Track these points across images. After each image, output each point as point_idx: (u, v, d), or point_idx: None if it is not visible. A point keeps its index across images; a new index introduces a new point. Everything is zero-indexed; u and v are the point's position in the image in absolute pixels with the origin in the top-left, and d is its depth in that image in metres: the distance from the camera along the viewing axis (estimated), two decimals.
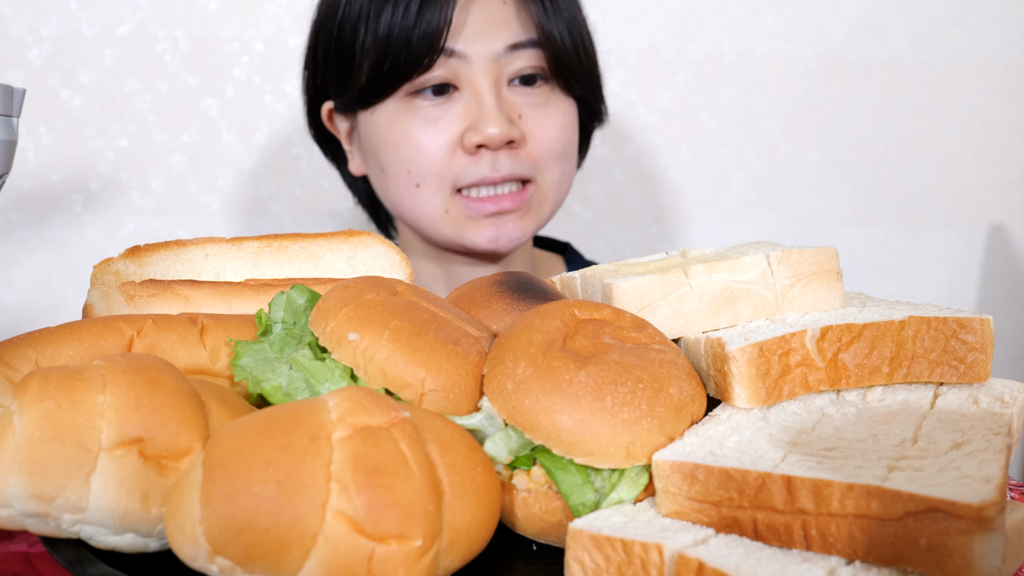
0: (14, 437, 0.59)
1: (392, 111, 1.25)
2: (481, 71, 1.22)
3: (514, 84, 1.26)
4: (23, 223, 1.80)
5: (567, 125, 1.29)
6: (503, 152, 1.24)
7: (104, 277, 0.88)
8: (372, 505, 0.55)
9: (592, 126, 1.43)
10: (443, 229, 1.29)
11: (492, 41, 1.22)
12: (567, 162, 1.32)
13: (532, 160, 1.27)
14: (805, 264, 0.79)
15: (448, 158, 1.24)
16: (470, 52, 1.21)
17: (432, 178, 1.25)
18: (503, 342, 0.69)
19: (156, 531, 0.61)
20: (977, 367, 0.73)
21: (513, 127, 1.22)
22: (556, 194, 1.32)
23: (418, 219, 1.30)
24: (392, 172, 1.27)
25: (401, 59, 1.20)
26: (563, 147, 1.29)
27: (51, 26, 1.76)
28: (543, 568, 0.67)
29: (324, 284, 0.86)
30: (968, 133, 2.10)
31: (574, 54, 1.26)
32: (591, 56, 1.32)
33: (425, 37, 1.18)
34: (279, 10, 1.83)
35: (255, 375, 0.70)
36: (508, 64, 1.24)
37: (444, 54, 1.20)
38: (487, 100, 1.22)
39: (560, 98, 1.29)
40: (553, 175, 1.30)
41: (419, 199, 1.27)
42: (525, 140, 1.25)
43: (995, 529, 0.52)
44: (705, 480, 0.61)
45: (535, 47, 1.24)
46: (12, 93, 0.73)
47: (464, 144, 1.23)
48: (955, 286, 2.15)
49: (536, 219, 1.31)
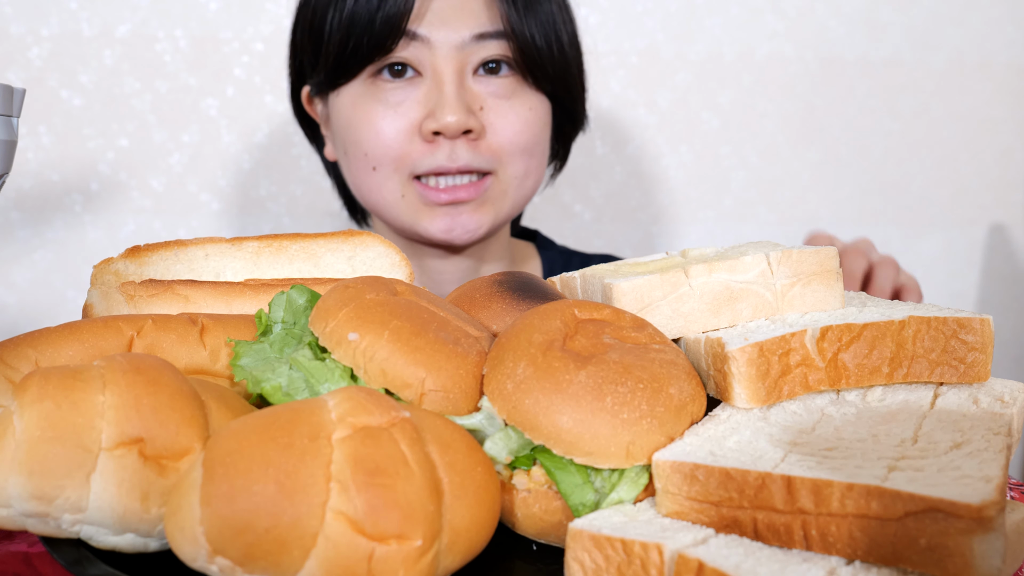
0: (14, 437, 0.59)
1: (356, 93, 1.25)
2: (445, 57, 1.21)
3: (480, 74, 1.24)
4: (23, 223, 1.80)
5: (533, 120, 1.27)
6: (461, 142, 1.22)
7: (104, 277, 0.88)
8: (372, 505, 0.55)
9: (570, 130, 1.40)
10: (400, 215, 1.28)
11: (458, 29, 1.21)
12: (532, 158, 1.29)
13: (492, 152, 1.25)
14: (805, 264, 0.79)
15: (405, 143, 1.23)
16: (434, 37, 1.21)
17: (389, 162, 1.24)
18: (503, 342, 0.69)
19: (156, 531, 0.61)
20: (977, 367, 0.73)
21: (471, 117, 1.21)
22: (518, 189, 1.30)
23: (376, 203, 1.30)
24: (352, 154, 1.28)
25: (364, 40, 1.20)
26: (526, 141, 1.27)
27: (51, 26, 1.76)
28: (543, 568, 0.67)
29: (324, 284, 0.86)
30: (968, 133, 2.10)
31: (546, 49, 1.24)
32: (567, 55, 1.29)
33: (388, 19, 1.19)
34: (279, 10, 1.83)
35: (255, 375, 0.70)
36: (473, 53, 1.22)
37: (407, 36, 1.20)
38: (447, 88, 1.21)
39: (527, 92, 1.27)
40: (515, 169, 1.27)
41: (376, 182, 1.27)
42: (485, 132, 1.24)
43: (995, 529, 0.52)
44: (705, 480, 0.61)
45: (502, 38, 1.23)
46: (12, 93, 0.73)
47: (421, 131, 1.22)
48: (955, 286, 2.15)
49: (493, 212, 1.29)
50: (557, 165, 1.48)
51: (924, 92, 2.07)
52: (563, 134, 1.40)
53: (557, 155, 1.45)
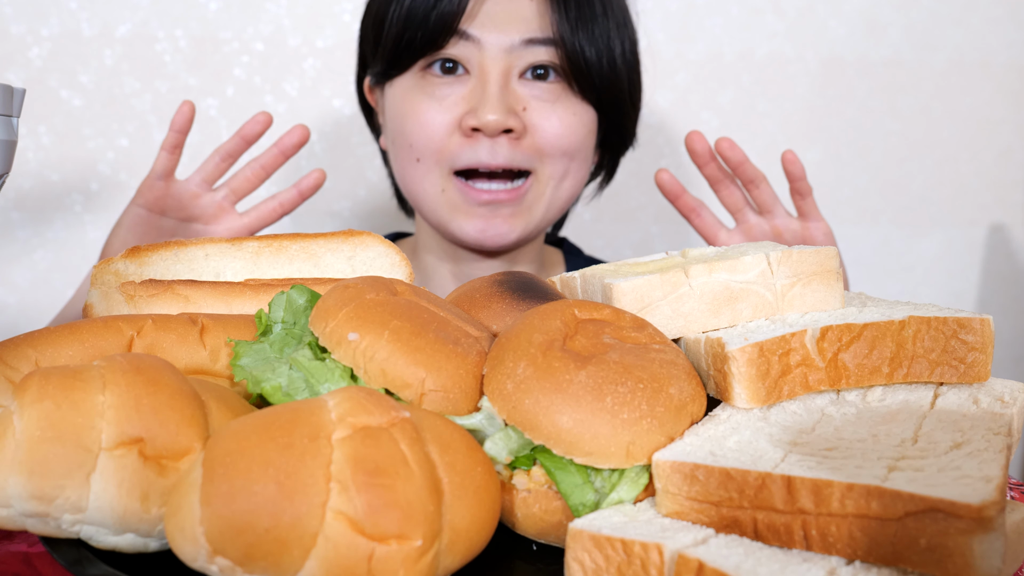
0: (14, 437, 0.59)
1: (407, 85, 1.29)
2: (493, 59, 1.24)
3: (526, 78, 1.27)
4: (23, 223, 1.80)
5: (576, 125, 1.29)
6: (502, 139, 1.25)
7: (104, 277, 0.89)
8: (372, 505, 0.55)
9: (618, 145, 1.41)
10: (438, 210, 1.31)
11: (509, 32, 1.24)
12: (572, 160, 1.30)
13: (533, 151, 1.27)
14: (805, 264, 0.79)
15: (446, 136, 1.26)
16: (484, 38, 1.24)
17: (430, 154, 1.28)
18: (503, 342, 0.69)
19: (156, 531, 0.61)
20: (977, 367, 0.73)
21: (511, 117, 1.23)
22: (555, 191, 1.31)
23: (417, 195, 1.33)
24: (399, 144, 1.32)
25: (418, 35, 1.24)
26: (568, 144, 1.28)
27: (51, 26, 1.76)
28: (543, 568, 0.67)
29: (324, 284, 0.86)
30: (968, 133, 2.10)
31: (595, 61, 1.26)
32: (618, 71, 1.30)
33: (442, 17, 1.23)
34: (279, 10, 1.83)
35: (255, 375, 0.70)
36: (521, 57, 1.25)
37: (458, 35, 1.24)
38: (491, 88, 1.23)
39: (572, 99, 1.29)
40: (554, 169, 1.29)
41: (419, 174, 1.30)
42: (526, 131, 1.26)
43: (995, 529, 0.52)
44: (705, 480, 0.61)
45: (551, 45, 1.25)
46: (12, 93, 0.73)
47: (461, 126, 1.25)
48: (955, 286, 2.15)
49: (525, 220, 1.31)
50: (604, 177, 1.49)
51: (924, 92, 2.07)
52: (610, 147, 1.41)
53: (603, 167, 1.46)
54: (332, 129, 1.89)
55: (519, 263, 1.43)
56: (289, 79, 1.85)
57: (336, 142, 1.89)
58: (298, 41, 1.84)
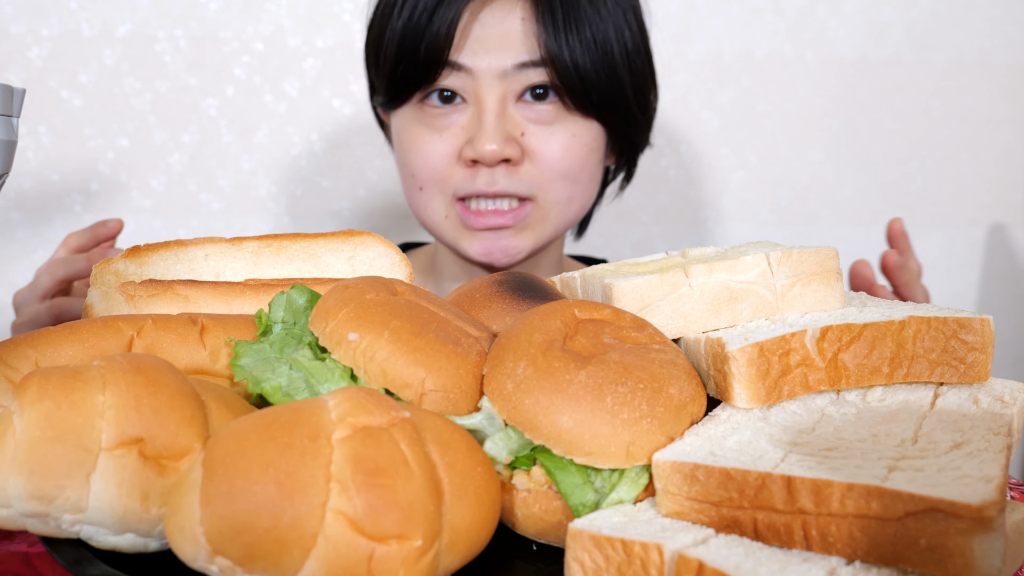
0: (14, 437, 0.59)
1: (408, 116, 1.30)
2: (488, 86, 1.23)
3: (526, 99, 1.25)
4: (23, 223, 1.80)
5: (576, 146, 1.27)
6: (500, 168, 1.24)
7: (104, 277, 0.88)
8: (372, 505, 0.55)
9: (628, 146, 1.39)
10: (444, 233, 1.33)
11: (500, 57, 1.22)
12: (576, 184, 1.29)
13: (532, 178, 1.26)
14: (805, 264, 0.79)
15: (448, 167, 1.27)
16: (476, 67, 1.22)
17: (432, 184, 1.29)
18: (503, 342, 0.69)
19: (156, 531, 0.61)
20: (977, 367, 0.73)
21: (508, 146, 1.22)
22: (560, 214, 1.31)
23: (424, 220, 1.35)
24: (404, 172, 1.34)
25: (411, 69, 1.24)
26: (567, 168, 1.27)
27: (51, 26, 1.76)
28: (543, 568, 0.67)
29: (324, 284, 0.86)
30: (968, 133, 2.10)
31: (591, 74, 1.22)
32: (619, 79, 1.26)
33: (430, 49, 1.22)
34: (279, 10, 1.83)
35: (255, 375, 0.70)
36: (516, 81, 1.23)
37: (449, 66, 1.23)
38: (487, 117, 1.22)
39: (570, 118, 1.26)
40: (557, 195, 1.28)
41: (423, 201, 1.31)
42: (524, 158, 1.25)
43: (995, 529, 0.52)
44: (705, 480, 0.61)
45: (543, 66, 1.22)
46: (12, 93, 0.73)
47: (461, 157, 1.25)
48: (955, 286, 2.15)
49: (534, 236, 1.31)
50: (625, 177, 1.48)
51: (924, 92, 2.07)
52: (625, 151, 1.40)
53: (620, 169, 1.45)
54: (332, 129, 1.89)
55: (539, 274, 1.42)
56: (289, 79, 1.85)
57: (336, 142, 1.89)
58: (298, 41, 1.84)
